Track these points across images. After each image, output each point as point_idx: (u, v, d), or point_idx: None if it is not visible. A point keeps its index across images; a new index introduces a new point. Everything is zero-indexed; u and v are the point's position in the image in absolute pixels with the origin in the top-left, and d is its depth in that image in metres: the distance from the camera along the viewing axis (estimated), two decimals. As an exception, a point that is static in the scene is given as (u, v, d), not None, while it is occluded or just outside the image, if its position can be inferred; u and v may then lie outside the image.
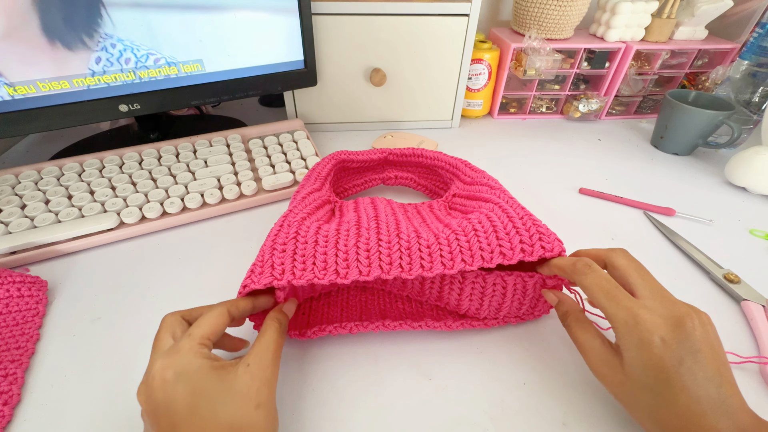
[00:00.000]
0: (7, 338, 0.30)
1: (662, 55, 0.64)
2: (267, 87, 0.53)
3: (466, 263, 0.26)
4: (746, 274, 0.37)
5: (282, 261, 0.27)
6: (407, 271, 0.26)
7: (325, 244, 0.27)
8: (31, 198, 0.41)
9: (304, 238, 0.28)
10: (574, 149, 0.61)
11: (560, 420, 0.27)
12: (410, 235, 0.28)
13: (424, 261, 0.26)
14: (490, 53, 0.63)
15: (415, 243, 0.27)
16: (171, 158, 0.47)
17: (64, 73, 0.41)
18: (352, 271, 0.26)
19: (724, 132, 0.57)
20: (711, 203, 0.49)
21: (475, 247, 0.27)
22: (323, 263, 0.26)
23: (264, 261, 0.27)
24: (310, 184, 0.38)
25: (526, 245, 0.27)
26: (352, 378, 0.29)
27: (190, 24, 0.44)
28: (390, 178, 0.47)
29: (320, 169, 0.40)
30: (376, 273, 0.26)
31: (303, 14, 0.50)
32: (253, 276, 0.26)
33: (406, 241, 0.28)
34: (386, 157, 0.45)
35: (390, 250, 0.27)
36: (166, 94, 0.47)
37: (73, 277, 0.37)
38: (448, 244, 0.27)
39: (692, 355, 0.20)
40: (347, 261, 0.26)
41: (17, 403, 0.27)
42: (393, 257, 0.27)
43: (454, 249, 0.27)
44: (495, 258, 0.27)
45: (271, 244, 0.28)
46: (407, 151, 0.45)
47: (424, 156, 0.44)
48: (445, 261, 0.26)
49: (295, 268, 0.26)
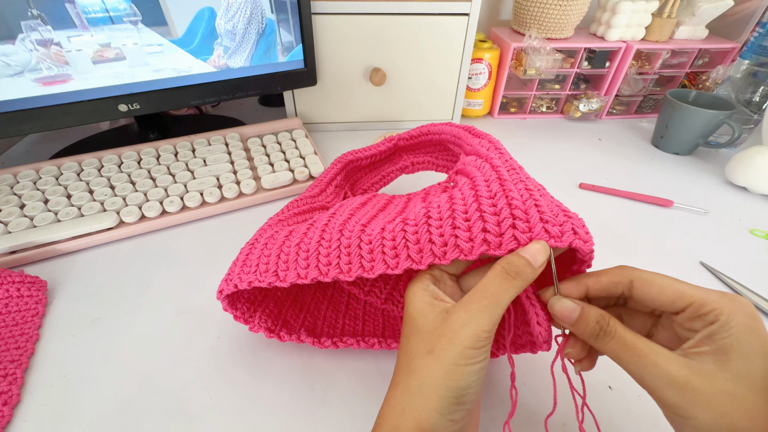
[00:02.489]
0: (6, 338, 0.30)
1: (663, 54, 0.64)
2: (267, 87, 0.53)
3: (413, 261, 0.22)
4: (746, 274, 0.37)
5: (234, 269, 0.27)
6: (346, 273, 0.23)
7: (271, 247, 0.26)
8: (30, 197, 0.41)
9: (257, 243, 0.28)
10: (575, 149, 0.61)
11: (560, 420, 0.26)
12: (353, 230, 0.24)
13: (363, 260, 0.23)
14: (490, 53, 0.63)
15: (356, 239, 0.23)
16: (170, 157, 0.47)
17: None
18: (291, 273, 0.24)
19: (724, 132, 0.57)
20: (711, 203, 0.49)
21: (424, 240, 0.22)
22: (265, 265, 0.25)
23: (226, 272, 0.28)
24: (307, 192, 0.37)
25: (491, 235, 0.21)
26: (352, 378, 0.29)
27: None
28: (407, 167, 0.43)
29: (324, 175, 0.40)
30: (314, 275, 0.23)
31: (303, 14, 0.50)
32: (217, 295, 0.27)
33: (347, 238, 0.24)
34: (396, 143, 0.41)
35: (329, 249, 0.24)
36: (166, 94, 0.47)
37: (73, 277, 0.37)
38: (393, 238, 0.23)
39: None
40: (287, 263, 0.25)
41: (17, 403, 0.27)
42: (331, 257, 0.23)
43: (399, 244, 0.22)
44: (449, 253, 0.21)
45: (237, 255, 0.29)
46: (414, 131, 0.40)
47: (431, 132, 0.39)
48: (388, 259, 0.22)
49: (242, 272, 0.26)
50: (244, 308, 0.29)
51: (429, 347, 0.19)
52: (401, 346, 0.22)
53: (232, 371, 0.29)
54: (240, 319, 0.29)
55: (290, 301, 0.32)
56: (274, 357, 0.30)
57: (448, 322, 0.20)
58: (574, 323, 0.21)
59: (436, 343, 0.19)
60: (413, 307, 0.21)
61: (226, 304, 0.28)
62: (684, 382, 0.17)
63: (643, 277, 0.21)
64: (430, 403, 0.18)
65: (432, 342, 0.20)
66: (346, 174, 0.42)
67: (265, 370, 0.30)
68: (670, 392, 0.17)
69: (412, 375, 0.19)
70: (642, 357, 0.18)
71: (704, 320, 0.18)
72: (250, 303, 0.29)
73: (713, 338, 0.17)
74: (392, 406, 0.20)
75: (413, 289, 0.22)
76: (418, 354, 0.20)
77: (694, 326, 0.19)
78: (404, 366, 0.20)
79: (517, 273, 0.20)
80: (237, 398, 0.28)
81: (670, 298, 0.19)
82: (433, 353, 0.19)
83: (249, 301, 0.29)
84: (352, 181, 0.43)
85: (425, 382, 0.19)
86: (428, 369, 0.19)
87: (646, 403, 0.27)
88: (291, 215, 0.33)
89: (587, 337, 0.20)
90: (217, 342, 0.31)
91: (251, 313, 0.29)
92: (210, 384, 0.28)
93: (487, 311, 0.19)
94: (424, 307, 0.21)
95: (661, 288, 0.20)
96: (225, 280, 0.27)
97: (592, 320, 0.20)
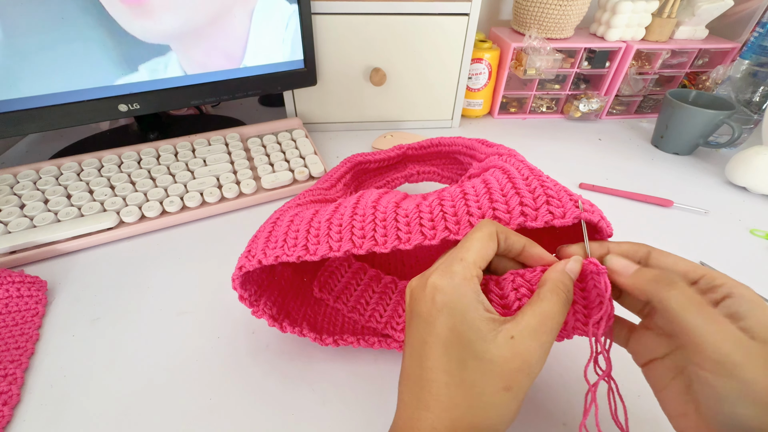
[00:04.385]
0: (6, 338, 0.30)
1: (663, 54, 0.64)
2: (267, 87, 0.53)
3: (450, 231, 0.23)
4: (746, 274, 0.37)
5: (256, 245, 0.26)
6: (381, 245, 0.23)
7: (299, 223, 0.26)
8: (30, 197, 0.41)
9: (281, 222, 0.28)
10: (575, 149, 0.61)
11: (560, 420, 0.27)
12: (388, 207, 0.25)
13: (400, 232, 0.23)
14: (490, 53, 0.63)
15: (392, 213, 0.24)
16: (170, 157, 0.47)
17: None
18: (322, 246, 0.24)
19: (724, 132, 0.57)
20: (711, 203, 0.49)
21: (461, 212, 0.23)
22: (294, 240, 0.25)
23: (245, 249, 0.27)
24: (319, 184, 0.37)
25: (529, 208, 0.22)
26: (352, 378, 0.29)
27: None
28: (413, 175, 0.45)
29: (333, 171, 0.40)
30: (347, 247, 0.24)
31: (303, 14, 0.50)
32: (235, 271, 0.26)
33: (382, 212, 0.25)
34: (405, 152, 0.43)
35: (363, 222, 0.24)
36: (166, 94, 0.47)
37: (73, 277, 0.37)
38: (430, 212, 0.24)
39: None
40: (318, 237, 0.25)
41: (17, 403, 0.27)
42: (366, 230, 0.24)
43: (437, 216, 0.23)
44: None
45: (254, 235, 0.28)
46: (425, 142, 0.42)
47: (442, 144, 0.41)
48: (426, 230, 0.23)
49: (266, 248, 0.26)
50: (252, 290, 0.29)
51: (505, 384, 0.17)
52: (440, 371, 0.18)
53: (232, 371, 0.29)
54: (246, 301, 0.28)
55: (293, 293, 0.32)
56: (273, 357, 0.30)
57: (522, 354, 0.18)
58: (633, 273, 0.20)
59: (514, 380, 0.17)
60: (468, 324, 0.18)
61: (239, 283, 0.27)
62: (740, 337, 0.17)
63: (660, 250, 0.21)
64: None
65: (508, 378, 0.17)
66: (354, 174, 0.42)
67: (265, 370, 0.30)
68: (728, 345, 0.16)
69: (481, 413, 0.17)
70: (704, 309, 0.17)
71: (718, 292, 0.18)
72: (257, 286, 0.29)
73: (739, 314, 0.17)
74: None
75: (464, 298, 0.19)
76: (490, 390, 0.17)
77: (706, 300, 0.18)
78: (461, 400, 0.18)
79: (568, 290, 0.20)
80: (237, 398, 0.28)
81: (684, 268, 0.20)
82: (511, 391, 0.17)
83: (257, 284, 0.29)
84: (357, 183, 0.43)
85: (500, 422, 0.18)
86: (506, 408, 0.18)
87: (647, 402, 0.27)
88: (308, 201, 0.33)
89: (647, 282, 0.19)
90: (217, 342, 0.31)
91: (257, 297, 0.29)
92: (210, 384, 0.28)
93: (551, 338, 0.18)
94: (483, 326, 0.18)
95: (675, 260, 0.20)
96: (245, 256, 0.26)
97: (652, 271, 0.19)
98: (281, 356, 0.30)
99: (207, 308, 0.34)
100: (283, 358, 0.30)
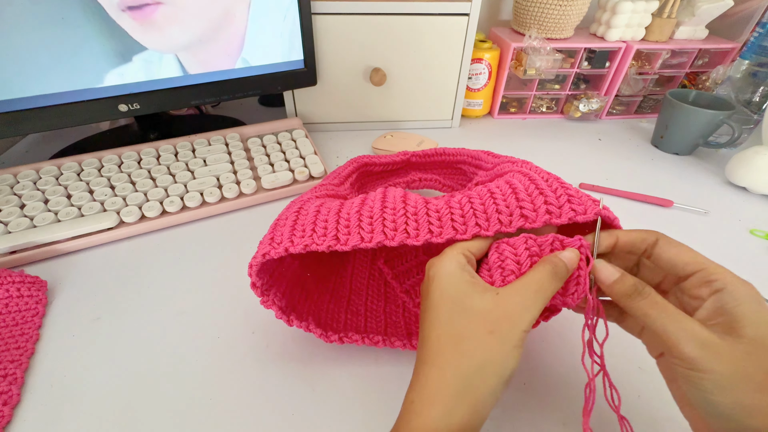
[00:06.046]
0: (6, 338, 0.30)
1: (663, 54, 0.64)
2: (267, 87, 0.53)
3: (481, 227, 0.24)
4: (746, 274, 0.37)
5: (282, 233, 0.26)
6: (413, 237, 0.24)
7: (327, 213, 0.26)
8: (30, 197, 0.41)
9: (306, 211, 0.27)
10: (575, 149, 0.61)
11: (560, 420, 0.27)
12: (418, 202, 0.26)
13: (432, 226, 0.24)
14: (490, 53, 0.63)
15: (423, 208, 0.25)
16: (170, 157, 0.47)
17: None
18: (353, 237, 0.24)
19: (724, 132, 0.57)
20: (711, 203, 0.49)
21: (491, 210, 0.24)
22: (323, 230, 0.25)
23: (265, 237, 0.27)
24: (329, 180, 0.37)
25: (553, 206, 0.24)
26: (352, 378, 0.29)
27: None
28: (414, 181, 0.46)
29: (341, 170, 0.40)
30: (379, 239, 0.24)
31: (303, 14, 0.50)
32: (255, 257, 0.26)
33: (413, 207, 0.26)
34: (409, 159, 0.44)
35: (395, 215, 0.25)
36: (166, 94, 0.47)
37: (73, 277, 0.37)
38: (460, 207, 0.25)
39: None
40: (348, 228, 0.25)
41: (17, 403, 0.27)
42: (398, 223, 0.25)
43: (467, 212, 0.24)
44: (515, 221, 0.24)
45: (274, 223, 0.28)
46: (430, 151, 0.43)
47: (446, 153, 0.43)
48: (457, 225, 0.24)
49: (293, 236, 0.25)
50: (264, 278, 0.28)
51: (489, 328, 0.20)
52: (433, 328, 0.21)
53: (231, 371, 0.29)
54: (258, 290, 0.28)
55: (299, 288, 0.32)
56: (274, 357, 0.30)
57: (505, 305, 0.20)
58: (612, 283, 0.22)
59: (497, 325, 0.20)
60: (453, 286, 0.21)
61: (256, 270, 0.27)
62: (706, 337, 0.18)
63: (668, 239, 0.23)
64: (488, 383, 0.19)
65: (492, 323, 0.20)
66: (359, 176, 0.42)
67: (265, 370, 0.30)
68: (692, 345, 0.18)
69: (466, 356, 0.19)
70: (670, 313, 0.19)
71: (711, 287, 0.20)
72: (269, 276, 0.29)
73: (725, 308, 0.19)
74: (439, 390, 0.19)
75: (449, 268, 0.22)
76: (474, 335, 0.20)
77: (700, 293, 0.20)
78: (449, 348, 0.20)
79: (559, 273, 0.22)
80: (237, 398, 0.28)
81: (685, 260, 0.21)
82: (494, 334, 0.19)
83: (268, 274, 0.29)
84: (360, 184, 0.44)
85: (485, 362, 0.19)
86: (489, 350, 0.19)
87: (647, 402, 0.27)
88: (323, 195, 0.33)
89: (621, 295, 0.22)
90: (216, 342, 0.31)
91: (268, 287, 0.29)
92: (210, 384, 0.28)
93: (540, 300, 0.20)
94: (467, 288, 0.21)
95: (679, 251, 0.22)
96: (269, 243, 0.26)
97: (629, 282, 0.21)
98: (281, 356, 0.30)
99: (207, 308, 0.34)
100: (283, 358, 0.30)
